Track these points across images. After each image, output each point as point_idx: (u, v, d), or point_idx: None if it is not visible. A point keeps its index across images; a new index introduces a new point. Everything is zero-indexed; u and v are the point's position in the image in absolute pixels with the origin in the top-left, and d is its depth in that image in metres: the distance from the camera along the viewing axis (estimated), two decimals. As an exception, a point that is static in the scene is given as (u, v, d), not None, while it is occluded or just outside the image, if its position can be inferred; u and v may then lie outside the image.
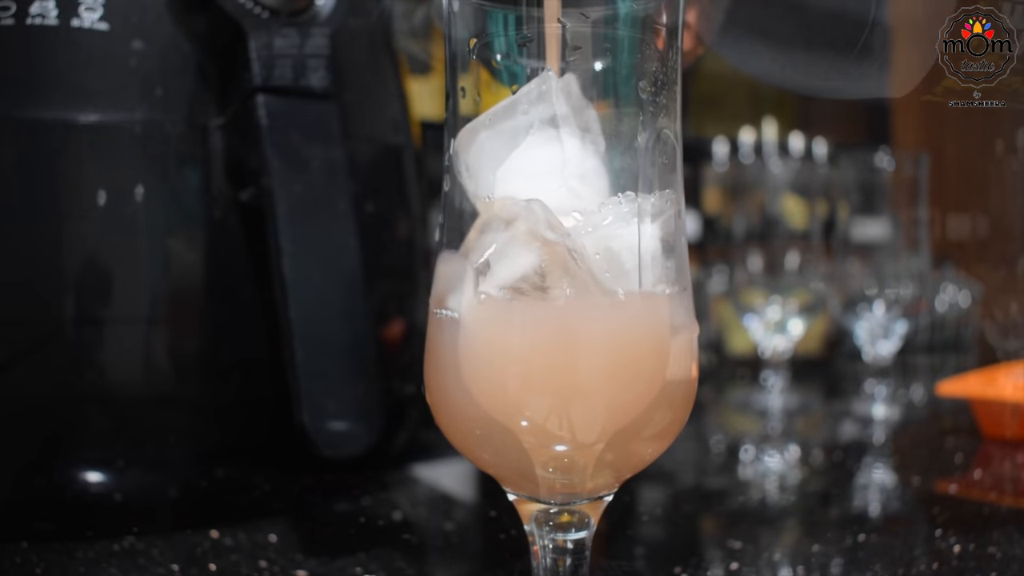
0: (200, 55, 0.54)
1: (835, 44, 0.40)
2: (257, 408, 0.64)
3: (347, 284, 0.55)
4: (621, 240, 0.37)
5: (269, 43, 0.52)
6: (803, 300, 1.15)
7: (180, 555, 0.51)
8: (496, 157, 0.38)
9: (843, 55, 0.41)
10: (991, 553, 0.51)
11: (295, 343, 0.51)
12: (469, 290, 0.37)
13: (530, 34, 0.38)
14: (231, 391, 0.58)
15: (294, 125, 0.53)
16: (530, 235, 0.36)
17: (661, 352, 0.38)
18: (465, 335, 0.37)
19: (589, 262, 0.36)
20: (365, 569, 0.48)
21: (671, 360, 0.39)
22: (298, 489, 0.65)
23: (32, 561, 0.50)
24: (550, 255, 0.36)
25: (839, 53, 0.41)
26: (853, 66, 0.41)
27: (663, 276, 0.39)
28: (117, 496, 0.58)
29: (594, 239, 0.36)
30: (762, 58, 0.42)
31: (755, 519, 0.60)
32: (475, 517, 0.58)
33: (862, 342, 1.21)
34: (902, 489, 0.70)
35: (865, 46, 0.40)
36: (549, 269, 0.36)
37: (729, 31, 0.42)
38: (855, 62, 0.41)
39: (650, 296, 0.38)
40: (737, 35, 0.42)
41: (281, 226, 0.51)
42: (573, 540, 0.41)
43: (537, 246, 0.36)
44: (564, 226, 0.36)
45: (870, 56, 0.41)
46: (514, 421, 0.37)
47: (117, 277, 0.54)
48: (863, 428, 0.95)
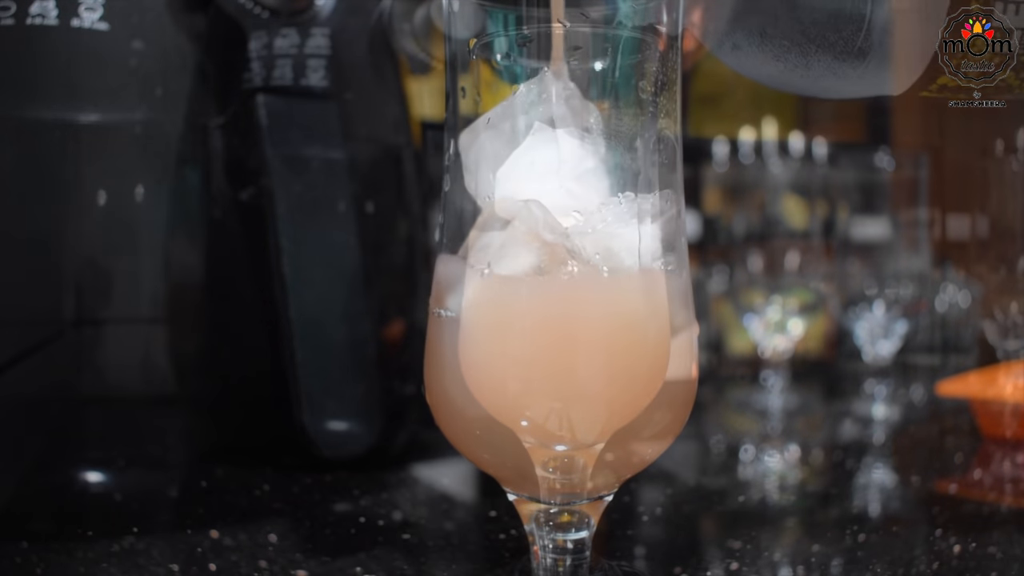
0: (200, 55, 0.54)
1: (832, 46, 0.41)
2: (256, 408, 0.64)
3: (347, 284, 0.55)
4: (620, 240, 0.37)
5: (269, 43, 0.52)
6: (803, 300, 1.15)
7: (180, 555, 0.51)
8: (496, 157, 0.38)
9: (839, 56, 0.41)
10: (991, 553, 0.51)
11: (295, 343, 0.51)
12: (469, 289, 0.37)
13: (530, 34, 0.38)
14: (230, 391, 0.57)
15: (294, 125, 0.53)
16: (529, 235, 0.36)
17: (661, 345, 0.38)
18: (464, 335, 0.37)
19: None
20: (365, 569, 0.48)
21: (671, 358, 0.39)
22: (298, 489, 0.65)
23: (32, 561, 0.50)
24: (549, 255, 0.36)
25: (835, 55, 0.41)
26: (850, 67, 0.41)
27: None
28: (117, 496, 0.58)
29: (593, 239, 0.36)
30: (759, 60, 0.42)
31: (755, 519, 0.60)
32: (475, 517, 0.58)
33: (862, 342, 1.21)
34: (902, 489, 0.70)
35: (861, 48, 0.40)
36: (548, 269, 0.36)
37: (727, 32, 0.42)
38: (852, 63, 0.41)
39: (651, 288, 0.38)
40: (735, 37, 0.42)
41: (281, 226, 0.52)
42: (573, 540, 0.41)
43: (536, 246, 0.36)
44: (562, 226, 0.36)
45: (866, 56, 0.41)
46: (514, 421, 0.37)
47: (117, 277, 0.54)
48: (863, 428, 0.95)
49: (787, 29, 0.41)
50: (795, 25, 0.41)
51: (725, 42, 0.43)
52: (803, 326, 1.15)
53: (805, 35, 0.40)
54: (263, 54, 0.53)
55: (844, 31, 0.40)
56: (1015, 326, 1.04)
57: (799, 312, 1.15)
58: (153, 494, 0.67)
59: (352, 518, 0.58)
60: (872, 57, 0.40)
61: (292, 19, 0.54)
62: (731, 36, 0.42)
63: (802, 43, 0.41)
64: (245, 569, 0.48)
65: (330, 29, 0.55)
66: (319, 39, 0.55)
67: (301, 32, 0.53)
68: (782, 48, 0.41)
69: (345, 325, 0.55)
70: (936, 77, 0.43)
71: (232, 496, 0.63)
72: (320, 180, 0.46)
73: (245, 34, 0.52)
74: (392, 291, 0.66)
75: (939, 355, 1.31)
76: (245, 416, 0.72)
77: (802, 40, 0.41)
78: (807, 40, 0.41)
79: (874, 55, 0.40)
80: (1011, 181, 0.96)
